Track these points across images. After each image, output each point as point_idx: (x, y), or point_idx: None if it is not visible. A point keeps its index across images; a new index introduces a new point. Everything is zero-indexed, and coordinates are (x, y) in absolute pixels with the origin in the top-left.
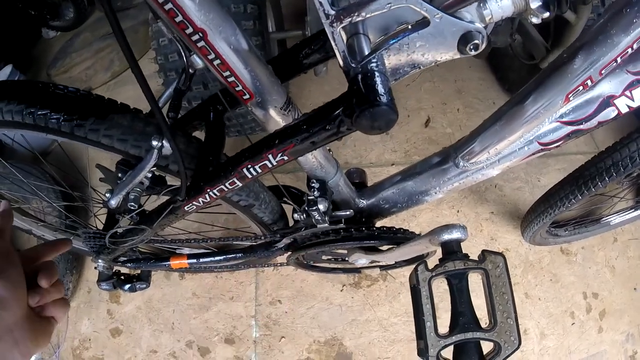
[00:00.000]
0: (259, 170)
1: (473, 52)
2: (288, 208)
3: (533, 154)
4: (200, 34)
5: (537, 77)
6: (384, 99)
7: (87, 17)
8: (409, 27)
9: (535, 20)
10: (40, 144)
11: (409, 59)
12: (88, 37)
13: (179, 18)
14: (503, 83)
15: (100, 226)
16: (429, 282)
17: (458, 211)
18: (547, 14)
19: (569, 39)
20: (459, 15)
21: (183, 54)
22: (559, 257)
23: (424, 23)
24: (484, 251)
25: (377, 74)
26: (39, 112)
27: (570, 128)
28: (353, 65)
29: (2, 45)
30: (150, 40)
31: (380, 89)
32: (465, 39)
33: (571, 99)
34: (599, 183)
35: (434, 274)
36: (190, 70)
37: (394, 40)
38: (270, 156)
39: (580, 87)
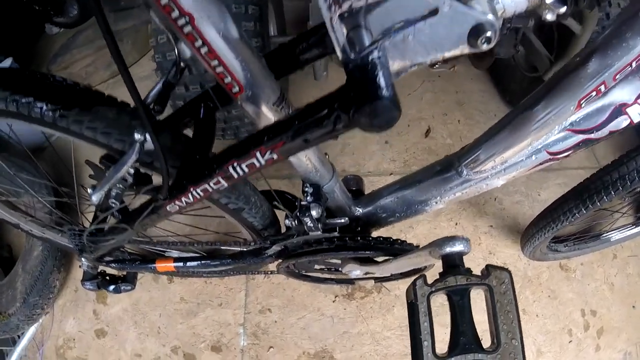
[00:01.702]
0: (246, 170)
1: (485, 47)
2: (281, 214)
3: (541, 163)
4: (187, 18)
5: (547, 82)
6: (385, 93)
7: (91, 15)
8: (415, 17)
9: (549, 16)
10: (34, 140)
11: (414, 52)
12: (90, 34)
13: (164, 0)
14: (504, 95)
15: (88, 224)
16: (427, 298)
17: (456, 224)
18: (563, 9)
19: (574, 51)
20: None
21: (174, 44)
22: (557, 272)
23: (431, 11)
24: (488, 266)
25: (378, 66)
26: (23, 100)
27: (580, 137)
28: (352, 56)
29: (5, 38)
30: (149, 39)
31: (382, 82)
32: (476, 31)
33: (583, 105)
34: (605, 197)
35: (433, 289)
36: (181, 65)
37: (398, 30)
38: (258, 154)
39: (593, 93)
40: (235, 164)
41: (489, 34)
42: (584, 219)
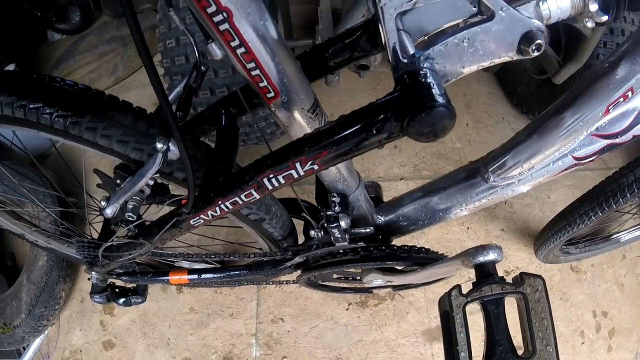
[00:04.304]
0: (282, 181)
1: (535, 53)
2: (298, 222)
3: (567, 168)
4: (225, 14)
5: (574, 88)
6: (441, 99)
7: (93, 22)
8: (472, 20)
9: (590, 24)
10: (38, 146)
11: (466, 57)
12: (93, 40)
13: None
14: (512, 98)
15: (96, 235)
16: (463, 308)
17: (468, 228)
18: (605, 17)
19: (583, 54)
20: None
21: (195, 47)
22: (568, 275)
23: (488, 16)
24: (522, 274)
25: (429, 72)
26: (31, 106)
27: (605, 142)
28: (404, 60)
29: (7, 44)
30: (156, 43)
31: (436, 89)
32: (527, 38)
33: (611, 111)
34: (621, 199)
35: (469, 299)
36: (202, 67)
37: (453, 34)
38: (298, 164)
39: (621, 99)
40: (271, 176)
41: (539, 41)
42: (599, 222)
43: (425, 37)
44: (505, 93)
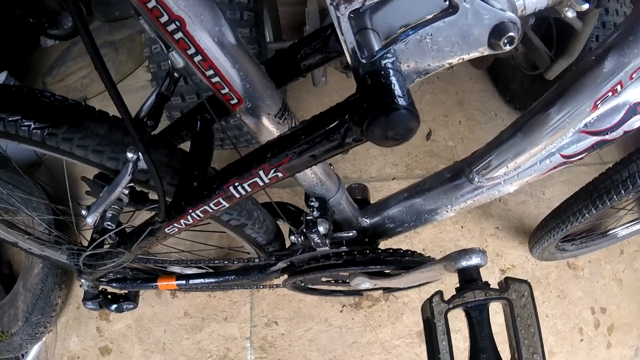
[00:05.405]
0: (248, 189)
1: (507, 47)
2: (285, 226)
3: (555, 167)
4: (178, 23)
5: (560, 84)
6: (402, 101)
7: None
8: (433, 15)
9: (570, 14)
10: (30, 154)
11: (430, 54)
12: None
13: (152, 3)
14: (504, 94)
15: (86, 243)
16: (445, 316)
17: (462, 227)
18: (586, 6)
19: (575, 48)
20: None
21: (166, 53)
22: (565, 272)
23: (451, 9)
24: (507, 279)
25: (392, 72)
26: (10, 119)
27: (595, 138)
28: (364, 61)
29: (0, 52)
30: (143, 48)
31: (398, 90)
32: (498, 31)
33: (599, 106)
34: (615, 196)
35: (451, 305)
36: (175, 75)
37: (414, 31)
38: (261, 172)
39: (610, 93)
40: (236, 184)
41: (511, 33)
42: (594, 218)
43: (394, 34)
44: (498, 90)
